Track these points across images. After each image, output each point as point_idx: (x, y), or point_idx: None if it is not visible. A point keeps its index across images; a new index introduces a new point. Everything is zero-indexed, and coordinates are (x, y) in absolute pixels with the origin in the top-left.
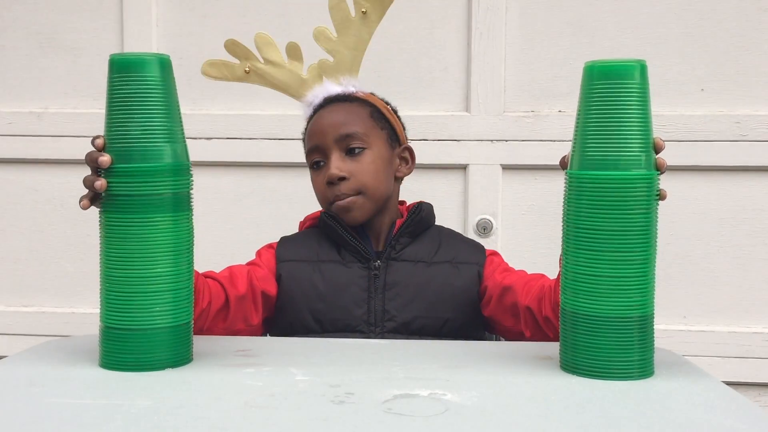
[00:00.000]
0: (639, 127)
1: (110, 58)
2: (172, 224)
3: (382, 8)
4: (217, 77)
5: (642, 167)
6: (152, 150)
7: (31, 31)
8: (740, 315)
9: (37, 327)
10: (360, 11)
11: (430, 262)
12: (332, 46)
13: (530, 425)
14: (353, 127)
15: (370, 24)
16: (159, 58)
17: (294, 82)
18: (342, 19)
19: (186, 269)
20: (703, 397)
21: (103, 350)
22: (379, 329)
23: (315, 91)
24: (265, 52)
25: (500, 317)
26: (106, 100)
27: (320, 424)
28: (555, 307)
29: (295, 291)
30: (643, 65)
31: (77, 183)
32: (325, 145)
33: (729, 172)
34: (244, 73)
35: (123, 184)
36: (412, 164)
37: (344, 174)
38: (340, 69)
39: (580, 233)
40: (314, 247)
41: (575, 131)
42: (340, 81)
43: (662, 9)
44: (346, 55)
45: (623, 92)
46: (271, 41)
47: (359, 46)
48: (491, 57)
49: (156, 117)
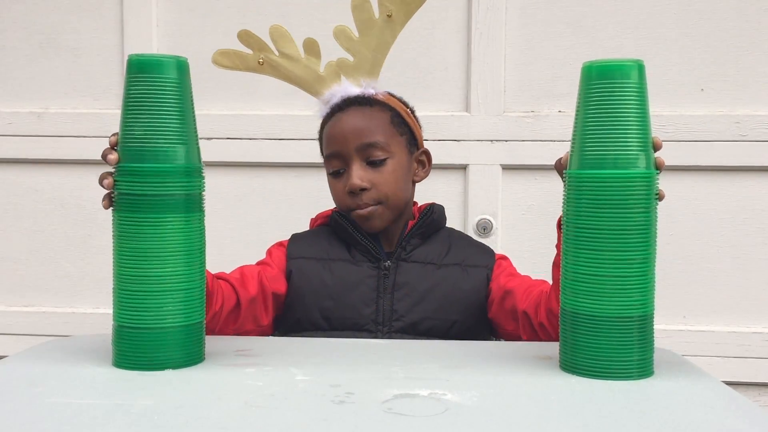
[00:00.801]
0: (637, 127)
1: (129, 58)
2: (184, 225)
3: (408, 12)
4: (228, 67)
5: (641, 166)
6: (165, 151)
7: (31, 31)
8: (740, 315)
9: (37, 327)
10: (385, 14)
11: (440, 264)
12: (353, 45)
13: (530, 425)
14: (375, 136)
15: (394, 27)
16: (177, 60)
17: (310, 77)
18: (365, 19)
19: (198, 269)
20: (702, 397)
21: (116, 350)
22: (387, 329)
23: (333, 89)
24: (280, 45)
25: (501, 320)
26: (122, 99)
27: (320, 424)
28: (549, 313)
29: (305, 288)
30: (641, 65)
31: (77, 183)
32: (346, 153)
33: (729, 172)
34: (257, 63)
35: (135, 184)
36: (428, 167)
37: (366, 185)
38: (360, 69)
39: (580, 233)
40: (324, 246)
41: (574, 131)
42: (360, 82)
43: (662, 9)
44: (367, 55)
45: (621, 92)
46: (287, 34)
47: (381, 48)
48: (491, 57)
49: (170, 118)
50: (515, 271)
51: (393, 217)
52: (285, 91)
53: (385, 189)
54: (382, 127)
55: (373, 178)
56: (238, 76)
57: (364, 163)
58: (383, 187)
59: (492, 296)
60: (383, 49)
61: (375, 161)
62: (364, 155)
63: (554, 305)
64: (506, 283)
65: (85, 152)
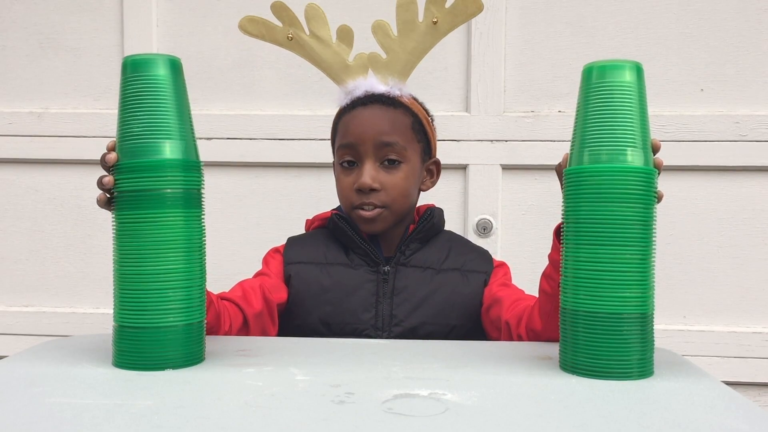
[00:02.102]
0: (636, 126)
1: (123, 60)
2: (183, 221)
3: (454, 24)
4: (253, 34)
5: (640, 164)
6: (159, 145)
7: (31, 31)
8: (740, 315)
9: (37, 327)
10: (431, 20)
11: (439, 269)
12: (389, 43)
13: (530, 425)
14: (394, 137)
15: (436, 35)
16: (169, 58)
17: (337, 64)
18: (407, 20)
19: (198, 268)
20: (702, 397)
21: (117, 349)
22: (387, 334)
23: (358, 81)
24: (313, 25)
25: (486, 327)
26: (119, 100)
27: (320, 424)
28: (529, 331)
29: (304, 293)
30: (639, 66)
31: (77, 183)
32: (363, 147)
33: (729, 173)
34: (286, 38)
35: (132, 180)
36: (436, 178)
37: (377, 186)
38: (391, 68)
39: (579, 231)
40: (322, 249)
41: (574, 131)
42: (388, 81)
43: (662, 9)
44: (401, 56)
45: (620, 93)
46: (323, 16)
47: (418, 52)
48: (491, 57)
49: (163, 114)
50: (509, 281)
51: (394, 222)
52: (285, 91)
53: (394, 194)
54: (402, 130)
55: (384, 180)
56: (237, 76)
57: (377, 162)
58: (392, 191)
59: (483, 303)
60: (419, 54)
61: (389, 163)
62: (380, 154)
63: (536, 323)
64: (497, 292)
65: (85, 152)
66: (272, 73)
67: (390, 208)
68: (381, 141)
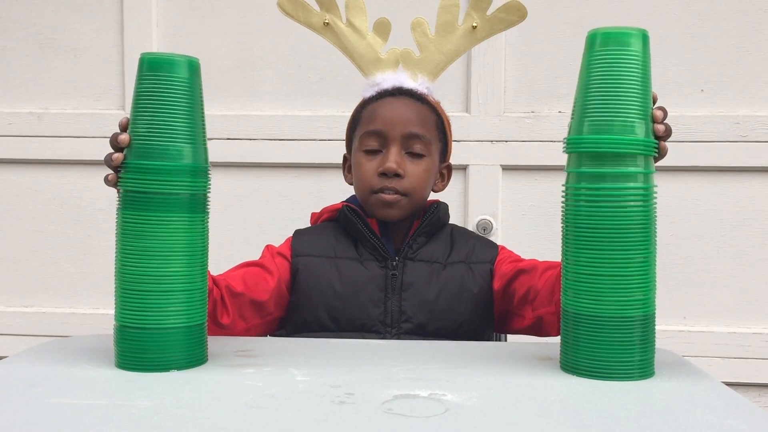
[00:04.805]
0: (638, 95)
1: (141, 56)
2: (187, 225)
3: (492, 32)
4: (289, 14)
5: (639, 134)
6: (172, 149)
7: (31, 31)
8: (740, 315)
9: (37, 327)
10: (470, 24)
11: (446, 263)
12: (425, 42)
13: (530, 425)
14: (422, 131)
15: (472, 40)
16: (188, 60)
17: (369, 56)
18: (447, 22)
19: (200, 271)
20: (703, 398)
21: (119, 350)
22: (396, 330)
23: (386, 75)
24: (351, 14)
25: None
26: (132, 97)
27: (320, 425)
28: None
29: (312, 287)
30: (645, 33)
31: (77, 183)
32: (391, 135)
33: (729, 173)
34: (322, 24)
35: (141, 181)
36: (446, 182)
37: (401, 171)
38: (422, 67)
39: (579, 231)
40: (331, 242)
41: (576, 98)
42: (417, 78)
43: (662, 9)
44: (435, 56)
45: (624, 59)
46: (363, 6)
47: (452, 54)
48: (491, 57)
49: (179, 117)
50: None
51: (410, 212)
52: (285, 91)
53: (416, 183)
54: (429, 126)
55: (408, 168)
56: (237, 76)
57: (403, 151)
58: (415, 180)
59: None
60: (452, 56)
61: (414, 154)
62: (407, 144)
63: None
64: (517, 263)
65: (84, 152)
66: (272, 73)
67: (410, 196)
68: (409, 131)
